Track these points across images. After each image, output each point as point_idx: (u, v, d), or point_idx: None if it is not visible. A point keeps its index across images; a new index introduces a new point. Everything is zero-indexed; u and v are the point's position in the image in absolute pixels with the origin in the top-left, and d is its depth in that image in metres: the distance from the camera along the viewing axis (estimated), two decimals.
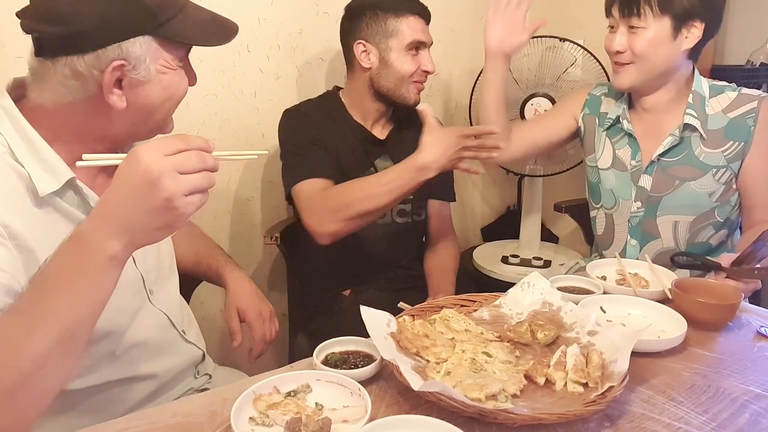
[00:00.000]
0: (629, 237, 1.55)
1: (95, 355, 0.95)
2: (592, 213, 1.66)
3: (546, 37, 1.99)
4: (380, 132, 1.67)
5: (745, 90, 1.45)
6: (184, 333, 1.12)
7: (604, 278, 1.25)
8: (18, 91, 0.91)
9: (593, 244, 1.73)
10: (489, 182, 2.49)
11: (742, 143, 1.42)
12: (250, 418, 0.78)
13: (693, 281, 1.17)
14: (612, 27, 1.43)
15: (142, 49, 0.86)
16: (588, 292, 1.18)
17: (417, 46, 1.56)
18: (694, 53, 1.41)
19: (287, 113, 1.62)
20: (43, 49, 0.85)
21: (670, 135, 1.45)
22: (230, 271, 1.27)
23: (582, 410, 0.79)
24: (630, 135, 1.51)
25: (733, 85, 1.47)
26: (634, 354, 0.87)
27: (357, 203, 1.40)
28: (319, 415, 0.78)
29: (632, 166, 1.51)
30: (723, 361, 0.97)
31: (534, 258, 2.18)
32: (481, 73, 2.06)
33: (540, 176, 2.16)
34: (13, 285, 0.79)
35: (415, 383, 0.78)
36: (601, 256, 1.63)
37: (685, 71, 1.45)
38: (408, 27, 1.54)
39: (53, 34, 0.83)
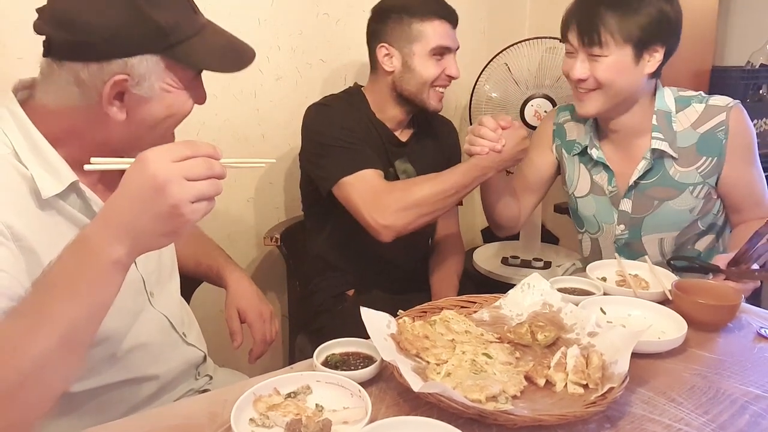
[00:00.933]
0: (617, 255, 1.53)
1: (96, 358, 0.95)
2: (578, 236, 1.65)
3: (546, 38, 1.99)
4: (401, 134, 1.66)
5: (712, 100, 1.41)
6: (185, 335, 1.12)
7: (604, 279, 1.25)
8: (25, 92, 0.91)
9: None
10: None
11: (716, 158, 1.39)
12: (251, 420, 0.78)
13: (693, 282, 1.17)
14: (570, 53, 1.39)
15: (147, 67, 0.85)
16: (588, 293, 1.18)
17: (442, 52, 1.53)
18: (655, 73, 1.38)
19: (318, 107, 1.57)
20: (51, 52, 0.85)
21: (643, 159, 1.42)
22: (230, 272, 1.27)
23: (582, 411, 0.79)
24: (602, 162, 1.48)
25: (700, 94, 1.43)
26: (635, 355, 0.87)
27: (430, 200, 1.39)
28: (319, 417, 0.78)
29: (609, 191, 1.50)
30: (723, 363, 0.97)
31: (534, 259, 2.18)
32: (481, 73, 2.07)
33: None
34: (16, 287, 0.79)
35: (415, 384, 0.78)
36: None
37: (648, 90, 1.41)
38: (433, 31, 1.51)
39: (61, 38, 0.83)
